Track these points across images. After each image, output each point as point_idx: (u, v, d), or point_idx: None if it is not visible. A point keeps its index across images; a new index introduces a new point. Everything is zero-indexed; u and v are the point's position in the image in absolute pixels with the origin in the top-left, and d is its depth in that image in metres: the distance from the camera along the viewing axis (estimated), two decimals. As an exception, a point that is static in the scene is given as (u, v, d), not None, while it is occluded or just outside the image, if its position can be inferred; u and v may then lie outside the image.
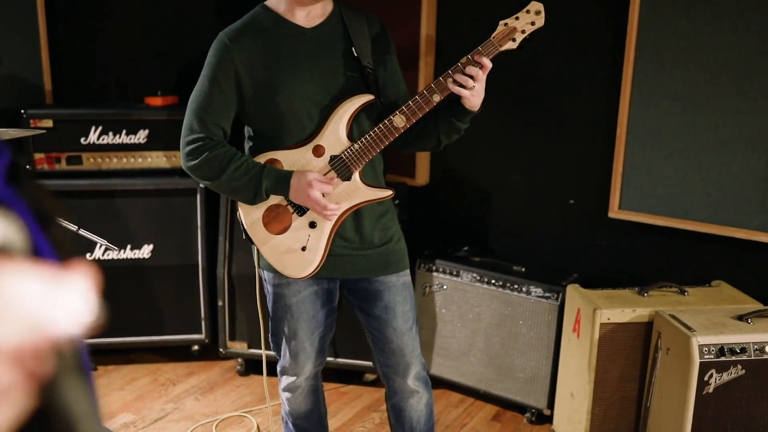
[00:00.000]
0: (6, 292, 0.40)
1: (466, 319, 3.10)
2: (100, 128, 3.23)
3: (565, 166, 3.14)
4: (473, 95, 1.97)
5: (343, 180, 2.03)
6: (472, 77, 1.94)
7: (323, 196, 1.98)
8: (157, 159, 3.29)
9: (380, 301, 2.15)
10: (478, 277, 3.05)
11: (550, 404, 2.95)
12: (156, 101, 3.34)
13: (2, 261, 0.42)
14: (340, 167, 2.02)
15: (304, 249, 2.05)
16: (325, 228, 2.05)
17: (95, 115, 3.24)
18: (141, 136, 3.26)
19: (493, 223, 3.38)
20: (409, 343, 2.21)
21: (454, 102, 2.03)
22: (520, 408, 3.07)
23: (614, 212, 2.95)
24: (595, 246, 3.10)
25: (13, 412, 0.39)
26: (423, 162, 3.40)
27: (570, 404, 2.77)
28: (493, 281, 3.02)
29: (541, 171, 3.20)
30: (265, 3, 2.07)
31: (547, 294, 2.91)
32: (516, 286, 2.98)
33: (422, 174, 3.42)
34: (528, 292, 2.95)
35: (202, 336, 3.40)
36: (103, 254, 3.24)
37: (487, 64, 1.96)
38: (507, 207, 3.33)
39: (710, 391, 2.32)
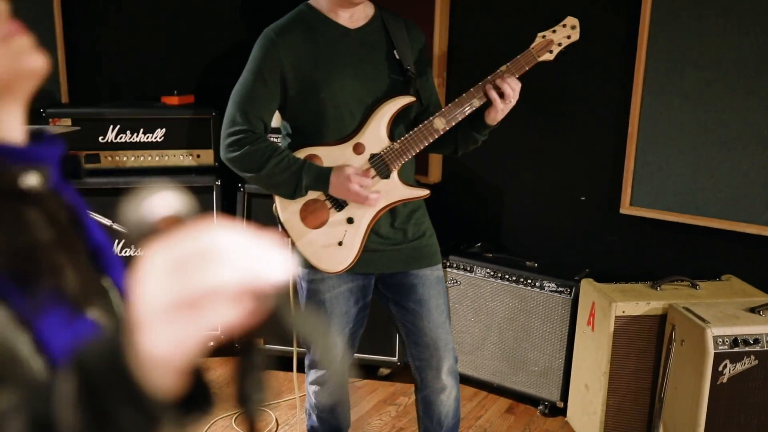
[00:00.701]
0: (224, 243, 0.48)
1: (480, 313, 3.16)
2: (118, 127, 3.28)
3: (576, 163, 3.20)
4: (505, 107, 2.03)
5: (382, 178, 2.09)
6: (511, 88, 2.01)
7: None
8: (173, 157, 3.34)
9: (414, 294, 2.21)
10: (492, 273, 3.11)
11: (563, 397, 3.01)
12: (172, 100, 3.39)
13: (187, 225, 0.49)
14: (380, 165, 2.08)
15: (340, 244, 2.10)
16: (362, 224, 2.10)
17: (113, 114, 3.29)
18: (158, 134, 3.32)
19: (506, 220, 3.44)
20: (442, 336, 2.27)
21: (475, 114, 2.09)
22: (533, 401, 3.13)
23: (626, 208, 3.02)
24: (606, 242, 3.16)
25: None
26: (436, 160, 3.46)
27: (584, 396, 2.83)
28: (506, 276, 3.08)
29: (553, 168, 3.26)
30: (309, 2, 2.12)
31: (560, 288, 2.97)
32: (529, 281, 3.04)
33: (435, 172, 3.48)
34: (541, 287, 3.01)
35: (217, 331, 3.44)
36: (121, 251, 3.28)
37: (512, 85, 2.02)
38: (519, 204, 3.39)
39: (724, 381, 2.38)
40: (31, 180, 0.67)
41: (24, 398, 0.55)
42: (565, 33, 2.09)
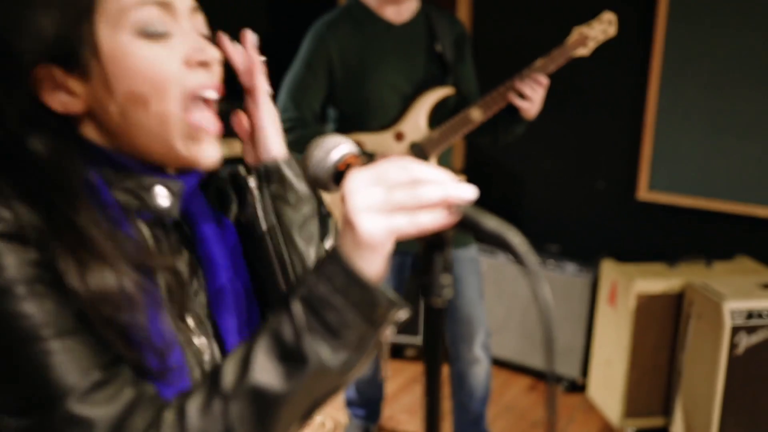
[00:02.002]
0: (416, 168, 0.65)
1: (503, 296, 3.30)
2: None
3: (594, 149, 3.33)
4: (531, 106, 2.15)
5: None
6: (532, 90, 2.12)
7: None
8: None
9: (451, 273, 2.35)
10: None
11: (584, 374, 3.15)
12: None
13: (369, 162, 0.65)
14: (419, 152, 2.22)
15: None
16: None
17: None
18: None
19: (526, 205, 3.57)
20: (476, 312, 2.42)
21: (512, 107, 2.21)
22: (555, 378, 3.26)
23: (643, 192, 3.16)
24: (624, 224, 3.30)
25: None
26: (458, 149, 3.60)
27: (606, 372, 2.97)
28: (528, 260, 3.22)
29: (571, 155, 3.40)
30: None
31: (580, 270, 3.11)
32: (551, 264, 3.17)
33: (457, 160, 3.61)
34: (562, 269, 3.15)
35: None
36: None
37: (544, 81, 2.14)
38: (539, 190, 3.53)
39: (740, 353, 2.52)
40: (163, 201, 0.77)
41: (259, 337, 0.68)
42: (602, 28, 2.19)
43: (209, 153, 0.77)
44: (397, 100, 2.22)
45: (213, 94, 0.76)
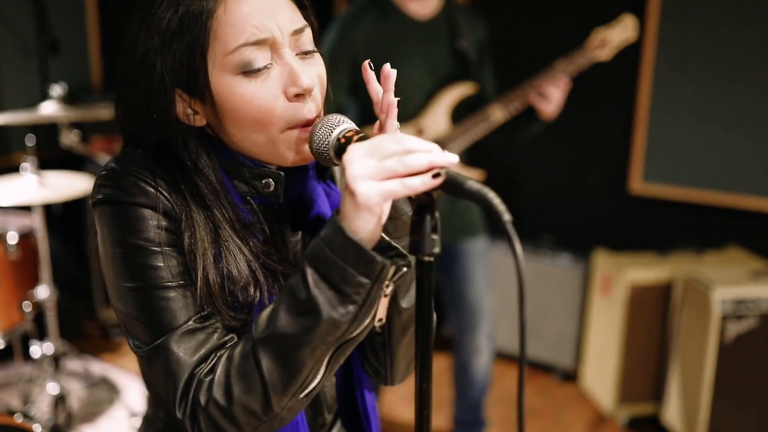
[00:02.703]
0: (406, 140, 0.73)
1: (498, 288, 3.35)
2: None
3: (589, 142, 3.39)
4: (552, 105, 2.20)
5: None
6: (556, 91, 2.17)
7: None
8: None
9: (460, 263, 2.42)
10: (509, 248, 3.30)
11: (577, 363, 3.21)
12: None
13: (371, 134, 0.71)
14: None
15: None
16: None
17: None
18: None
19: (521, 197, 3.63)
20: (482, 302, 2.47)
21: (531, 109, 2.26)
22: (548, 368, 3.32)
23: (635, 184, 3.21)
24: (617, 215, 3.36)
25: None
26: (453, 143, 3.65)
27: (598, 360, 3.02)
28: (523, 251, 3.26)
29: (566, 147, 3.45)
30: None
31: (574, 261, 3.17)
32: (545, 255, 3.23)
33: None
34: (556, 260, 3.20)
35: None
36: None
37: (565, 83, 2.19)
38: (533, 182, 3.58)
39: (728, 341, 2.58)
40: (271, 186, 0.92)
41: (279, 299, 0.80)
42: (622, 31, 2.21)
43: (307, 152, 0.89)
44: (418, 94, 2.25)
45: (312, 116, 0.88)
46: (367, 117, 2.29)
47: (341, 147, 0.78)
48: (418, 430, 0.75)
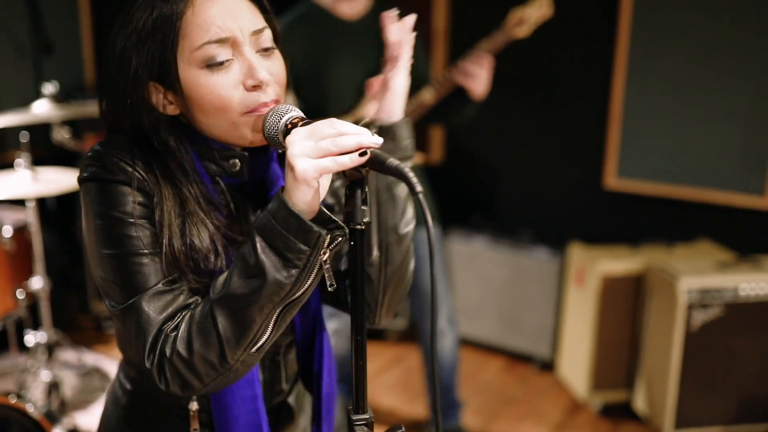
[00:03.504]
0: (339, 125, 0.83)
1: (479, 281, 3.46)
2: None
3: (565, 140, 3.50)
4: (478, 83, 2.30)
5: None
6: (476, 68, 2.28)
7: None
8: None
9: (415, 252, 2.51)
10: (489, 242, 3.42)
11: (555, 353, 3.32)
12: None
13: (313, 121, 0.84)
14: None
15: None
16: None
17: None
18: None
19: (500, 193, 3.74)
20: (438, 288, 2.57)
21: (462, 91, 2.37)
22: (528, 358, 3.43)
23: (610, 180, 3.33)
24: (592, 210, 3.47)
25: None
26: (437, 141, 3.76)
27: (573, 349, 3.13)
28: (502, 245, 3.38)
29: (543, 146, 3.57)
30: None
31: (551, 254, 3.28)
32: (523, 249, 3.34)
33: (436, 152, 3.78)
34: (534, 254, 3.31)
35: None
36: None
37: (488, 61, 2.29)
38: (513, 179, 3.70)
39: (694, 329, 2.69)
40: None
41: (234, 264, 0.92)
42: (538, 8, 2.31)
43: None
44: (354, 89, 2.40)
45: (267, 100, 0.99)
46: (314, 111, 2.41)
47: (288, 131, 0.89)
48: (356, 377, 0.86)
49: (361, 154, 0.82)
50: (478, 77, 2.30)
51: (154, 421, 1.11)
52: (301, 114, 0.93)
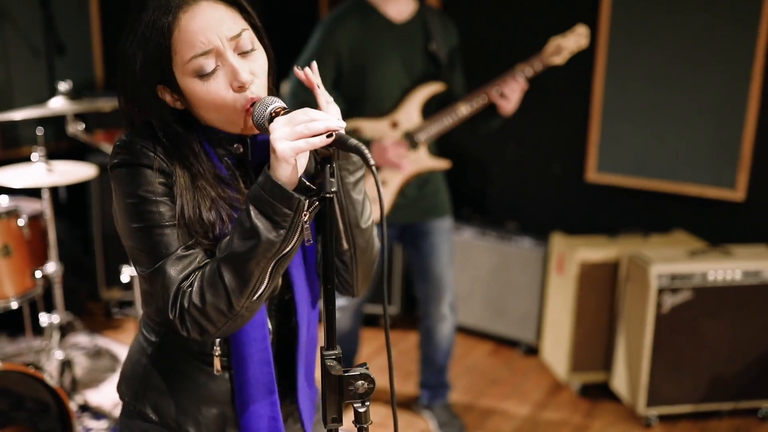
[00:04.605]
0: (312, 112, 1.02)
1: (468, 269, 3.65)
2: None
3: (548, 137, 3.69)
4: (508, 105, 2.49)
5: (412, 150, 2.57)
6: (511, 90, 2.45)
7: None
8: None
9: (428, 239, 2.73)
10: (477, 233, 3.60)
11: (539, 338, 3.50)
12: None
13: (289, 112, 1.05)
14: (411, 139, 2.56)
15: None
16: (392, 185, 2.59)
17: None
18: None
19: (488, 187, 3.93)
20: (446, 275, 2.78)
21: (492, 105, 2.54)
22: (513, 343, 3.62)
23: (591, 174, 3.52)
24: (574, 203, 3.66)
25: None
26: (428, 137, 3.95)
27: (555, 334, 3.32)
28: (490, 236, 3.57)
29: (528, 142, 3.76)
30: None
31: (535, 244, 3.46)
32: (509, 240, 3.52)
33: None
34: (519, 244, 3.50)
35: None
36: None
37: (523, 84, 2.47)
38: (500, 173, 3.89)
39: (665, 311, 2.87)
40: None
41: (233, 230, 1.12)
42: (575, 39, 2.49)
43: None
44: (394, 91, 2.55)
45: (254, 97, 1.16)
46: (352, 108, 2.57)
47: (272, 119, 1.08)
48: (327, 320, 1.05)
49: (328, 136, 1.01)
50: (512, 99, 2.47)
51: (180, 365, 1.29)
52: (283, 104, 1.11)
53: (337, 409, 1.06)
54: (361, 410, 1.07)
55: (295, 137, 1.03)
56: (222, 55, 1.14)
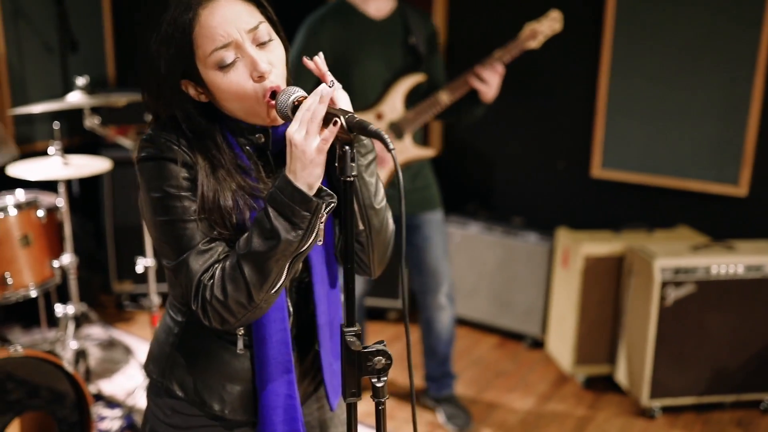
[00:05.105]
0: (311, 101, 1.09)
1: (474, 264, 3.70)
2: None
3: (554, 134, 3.75)
4: (488, 90, 2.55)
5: (398, 140, 2.63)
6: (491, 75, 2.52)
7: None
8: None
9: (421, 233, 2.78)
10: (483, 228, 3.66)
11: (544, 331, 3.56)
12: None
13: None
14: (396, 130, 2.62)
15: None
16: (381, 175, 2.64)
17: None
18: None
19: (494, 183, 3.99)
20: (441, 266, 2.83)
21: (473, 92, 2.61)
22: (519, 337, 3.67)
23: (596, 170, 3.57)
24: (579, 198, 3.72)
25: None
26: (436, 134, 4.01)
27: (560, 327, 3.37)
28: (496, 231, 3.63)
29: (534, 139, 3.81)
30: None
31: (541, 239, 3.52)
32: (515, 235, 3.58)
33: (435, 144, 4.03)
34: (525, 239, 3.55)
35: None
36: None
37: (501, 69, 2.53)
38: (506, 170, 3.94)
39: (669, 304, 2.92)
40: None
41: (252, 227, 1.18)
42: (549, 24, 2.57)
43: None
44: (377, 85, 2.63)
45: (273, 86, 1.21)
46: None
47: (295, 108, 1.14)
48: (347, 298, 1.11)
49: (334, 124, 1.08)
50: (490, 83, 2.53)
51: (205, 344, 1.35)
52: (304, 93, 1.17)
53: (356, 384, 1.12)
54: (379, 385, 1.12)
55: (304, 127, 1.09)
56: (241, 47, 1.19)
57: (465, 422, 2.92)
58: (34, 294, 2.61)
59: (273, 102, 1.19)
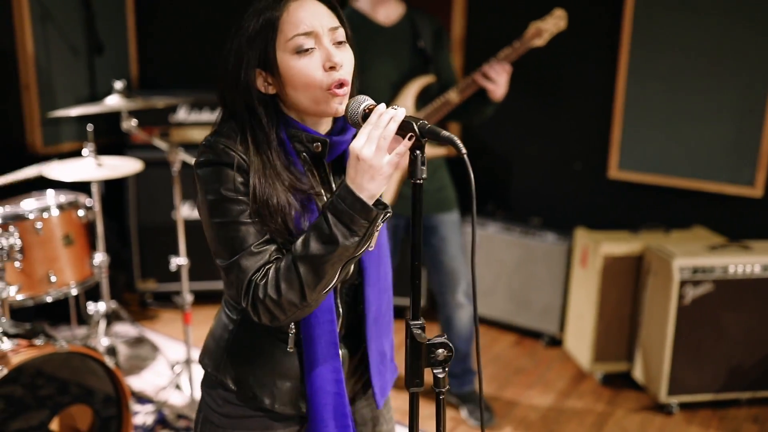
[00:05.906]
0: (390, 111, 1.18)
1: (492, 263, 3.77)
2: (185, 108, 3.89)
3: (571, 135, 3.82)
4: (496, 88, 2.62)
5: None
6: (496, 73, 2.59)
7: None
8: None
9: (437, 233, 2.86)
10: (502, 228, 3.73)
11: (562, 329, 3.63)
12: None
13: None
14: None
15: None
16: (395, 176, 2.72)
17: (183, 93, 3.86)
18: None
19: (513, 184, 4.06)
20: (458, 266, 2.90)
21: (483, 91, 2.68)
22: (536, 335, 3.74)
23: (613, 171, 3.64)
24: (597, 199, 3.79)
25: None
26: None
27: (578, 325, 3.44)
28: (514, 231, 3.70)
29: (551, 140, 3.88)
30: (353, 5, 2.75)
31: (559, 239, 3.59)
32: (533, 234, 3.65)
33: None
34: (543, 238, 3.62)
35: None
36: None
37: (508, 68, 2.60)
38: (524, 170, 4.01)
39: (687, 303, 2.99)
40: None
41: (309, 230, 1.25)
42: (554, 22, 2.64)
43: (341, 108, 1.32)
44: (388, 87, 2.72)
45: (342, 78, 1.30)
46: None
47: (365, 115, 1.21)
48: (413, 293, 1.18)
49: (409, 138, 1.18)
50: (498, 82, 2.61)
51: (258, 341, 1.42)
52: (373, 102, 1.25)
53: (420, 374, 1.19)
54: (440, 375, 1.19)
55: (373, 142, 1.18)
56: (320, 39, 1.29)
57: (487, 418, 2.99)
58: (74, 292, 2.69)
59: (339, 92, 1.28)
